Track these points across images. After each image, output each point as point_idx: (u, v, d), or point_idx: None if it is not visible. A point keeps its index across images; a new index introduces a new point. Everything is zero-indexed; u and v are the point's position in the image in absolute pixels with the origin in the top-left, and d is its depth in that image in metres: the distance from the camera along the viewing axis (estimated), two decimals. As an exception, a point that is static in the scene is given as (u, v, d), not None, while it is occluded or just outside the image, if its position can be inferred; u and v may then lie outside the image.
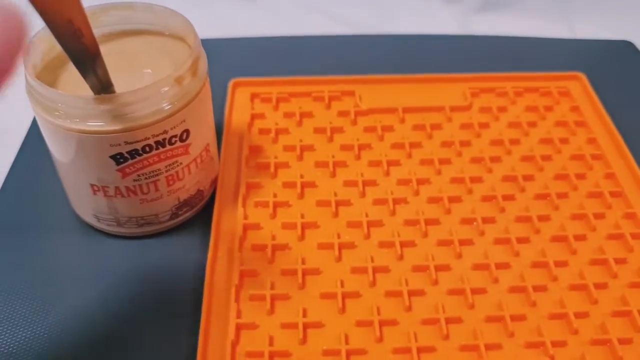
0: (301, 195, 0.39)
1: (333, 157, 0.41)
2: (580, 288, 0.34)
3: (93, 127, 0.30)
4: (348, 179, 0.40)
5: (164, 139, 0.32)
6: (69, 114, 0.30)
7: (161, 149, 0.32)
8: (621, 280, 0.34)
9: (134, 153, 0.31)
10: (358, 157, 0.41)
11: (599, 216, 0.38)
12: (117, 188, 0.33)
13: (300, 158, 0.41)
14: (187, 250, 0.36)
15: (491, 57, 0.51)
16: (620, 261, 0.35)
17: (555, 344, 0.31)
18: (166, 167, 0.33)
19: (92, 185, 0.33)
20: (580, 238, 0.36)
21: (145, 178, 0.33)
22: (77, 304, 0.33)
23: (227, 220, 0.37)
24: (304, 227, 0.37)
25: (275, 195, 0.39)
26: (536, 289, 0.34)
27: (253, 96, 0.46)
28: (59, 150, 0.33)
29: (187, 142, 0.33)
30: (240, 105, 0.45)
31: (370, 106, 0.45)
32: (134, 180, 0.33)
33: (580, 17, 0.61)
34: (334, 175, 0.40)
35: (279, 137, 0.43)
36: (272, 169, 0.40)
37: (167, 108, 0.31)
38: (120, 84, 0.31)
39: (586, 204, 0.39)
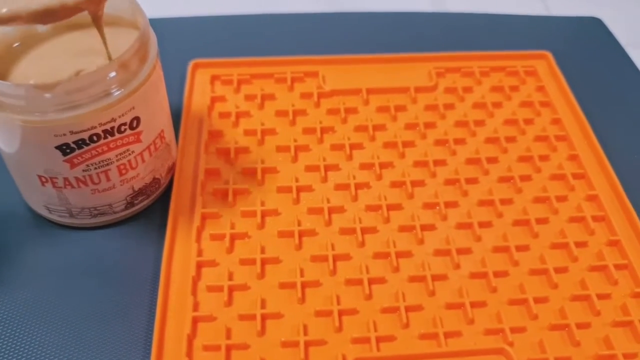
0: (261, 182, 0.38)
1: (295, 141, 0.40)
2: (540, 272, 0.34)
3: (35, 117, 0.29)
4: (310, 164, 0.39)
5: (113, 128, 0.31)
6: (10, 104, 0.29)
7: (110, 138, 0.31)
8: (581, 264, 0.34)
9: (80, 143, 0.30)
10: (321, 141, 0.41)
11: (561, 199, 0.37)
12: (65, 179, 0.32)
13: (261, 142, 0.40)
14: (144, 240, 0.35)
15: (459, 35, 0.50)
16: (581, 244, 0.35)
17: (514, 330, 0.31)
18: (117, 156, 0.32)
19: (39, 177, 0.32)
20: (542, 221, 0.36)
21: (95, 168, 0.32)
22: (29, 297, 0.32)
23: (185, 209, 0.36)
24: (264, 214, 0.36)
25: (234, 182, 0.38)
26: (497, 274, 0.34)
27: (213, 78, 0.44)
28: (2, 141, 0.31)
29: (138, 129, 0.32)
30: (200, 87, 0.44)
31: (333, 87, 0.44)
32: (83, 170, 0.32)
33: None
34: (295, 160, 0.39)
35: (239, 120, 0.42)
36: (232, 154, 0.39)
37: (114, 95, 0.30)
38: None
39: (549, 186, 0.38)
